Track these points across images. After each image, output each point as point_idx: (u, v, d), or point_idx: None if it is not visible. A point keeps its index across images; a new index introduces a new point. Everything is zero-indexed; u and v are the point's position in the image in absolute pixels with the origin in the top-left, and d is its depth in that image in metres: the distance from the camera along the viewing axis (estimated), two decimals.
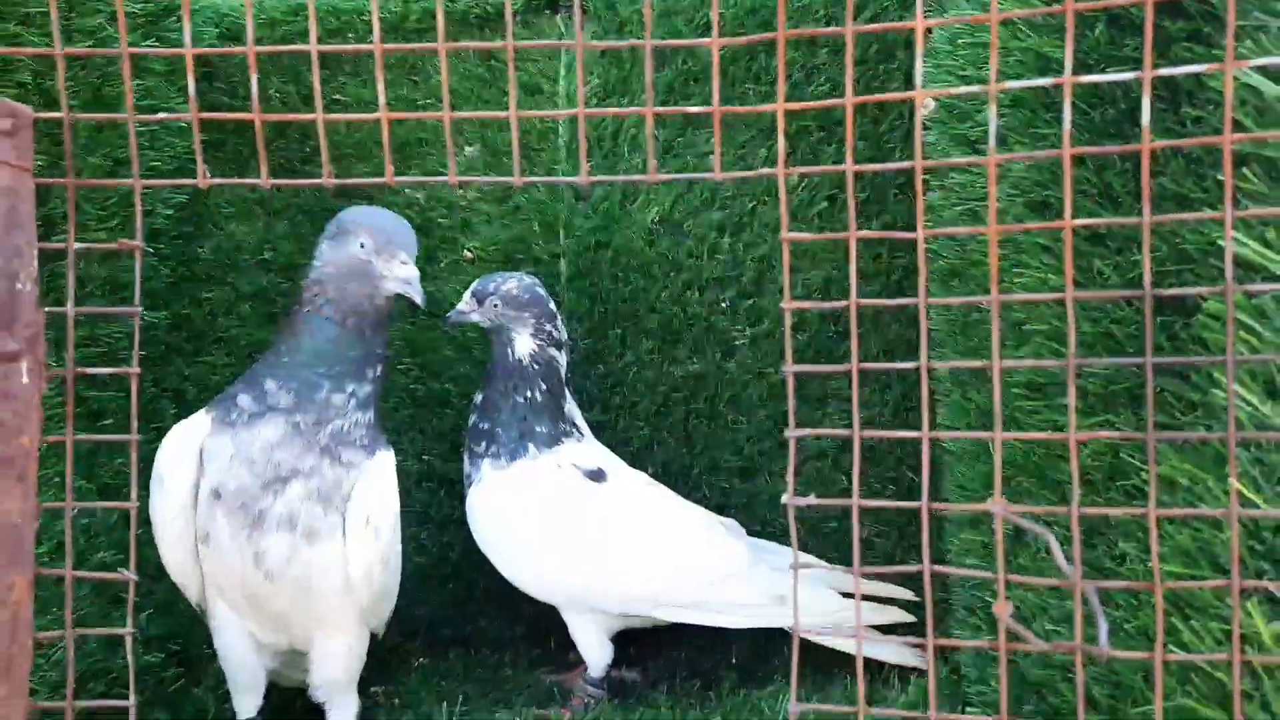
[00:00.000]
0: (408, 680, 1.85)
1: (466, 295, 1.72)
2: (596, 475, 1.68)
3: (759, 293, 1.97)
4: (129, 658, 1.02)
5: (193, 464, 1.42)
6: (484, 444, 1.68)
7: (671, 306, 1.96)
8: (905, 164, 0.89)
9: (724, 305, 1.95)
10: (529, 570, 1.66)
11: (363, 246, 1.41)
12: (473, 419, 1.72)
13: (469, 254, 2.01)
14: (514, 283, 1.69)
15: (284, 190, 2.01)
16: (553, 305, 1.70)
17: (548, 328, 1.68)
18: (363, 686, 1.62)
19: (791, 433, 0.86)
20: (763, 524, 1.96)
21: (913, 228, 1.47)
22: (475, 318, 1.70)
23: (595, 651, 1.74)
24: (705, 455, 1.98)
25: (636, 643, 1.86)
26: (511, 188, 2.00)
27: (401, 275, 1.40)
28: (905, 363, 0.92)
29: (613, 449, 1.83)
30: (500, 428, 1.67)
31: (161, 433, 1.50)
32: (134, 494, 1.03)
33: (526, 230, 2.01)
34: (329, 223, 1.47)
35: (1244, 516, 0.86)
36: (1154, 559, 0.84)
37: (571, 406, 1.74)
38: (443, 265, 2.02)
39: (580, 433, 1.74)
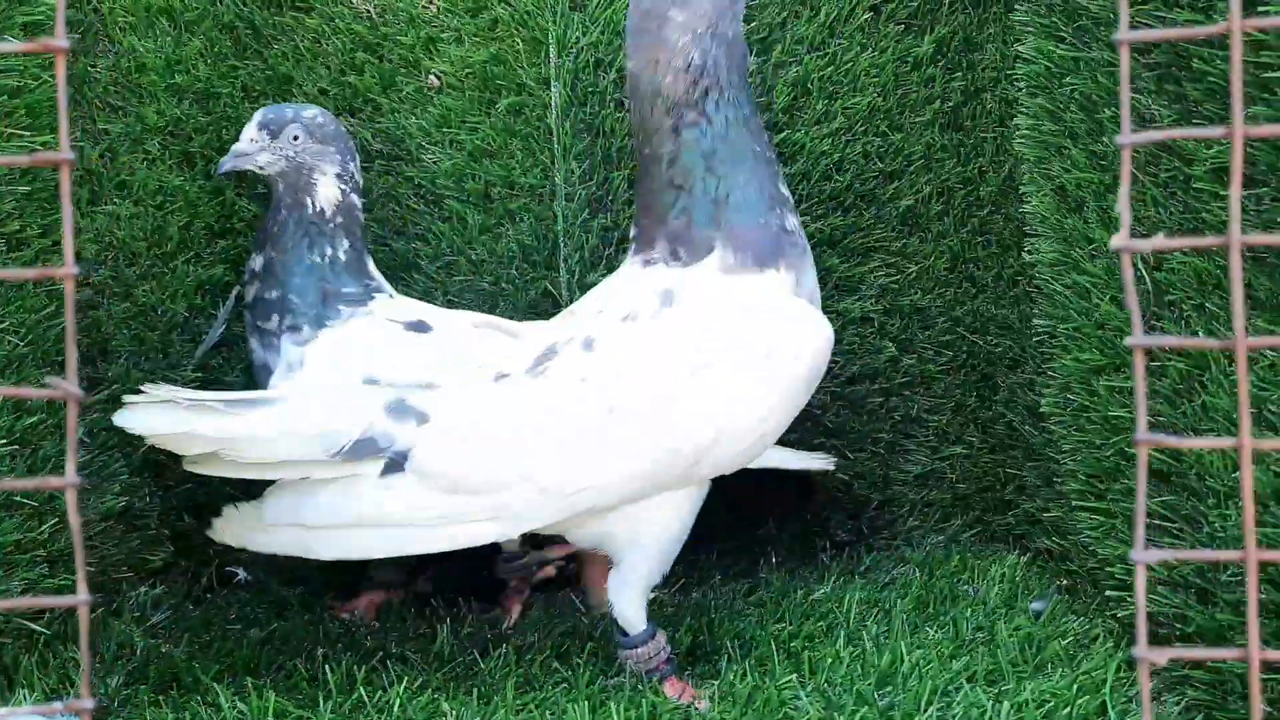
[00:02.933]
0: None
1: (250, 128, 1.49)
2: (418, 327, 1.50)
3: (791, 124, 1.75)
4: None
5: None
6: (276, 318, 1.49)
7: None
8: None
9: None
10: None
11: None
12: (253, 290, 1.52)
13: (435, 80, 1.76)
14: (315, 110, 1.50)
15: None
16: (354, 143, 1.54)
17: (352, 168, 1.52)
18: None
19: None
20: None
21: None
22: (263, 159, 1.48)
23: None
24: None
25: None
26: None
27: None
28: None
29: None
30: (295, 294, 1.48)
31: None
32: None
33: (507, 49, 1.75)
34: None
35: None
36: None
37: (372, 264, 1.57)
38: (403, 94, 1.77)
39: (387, 291, 1.56)
